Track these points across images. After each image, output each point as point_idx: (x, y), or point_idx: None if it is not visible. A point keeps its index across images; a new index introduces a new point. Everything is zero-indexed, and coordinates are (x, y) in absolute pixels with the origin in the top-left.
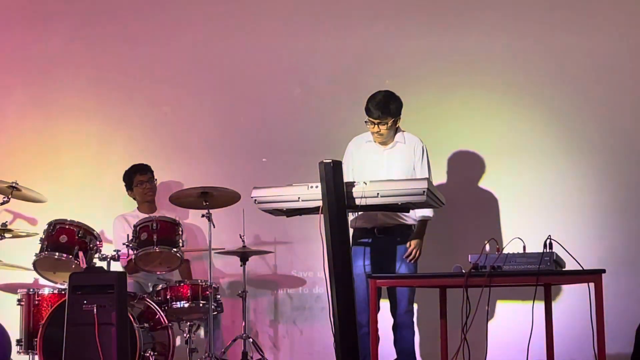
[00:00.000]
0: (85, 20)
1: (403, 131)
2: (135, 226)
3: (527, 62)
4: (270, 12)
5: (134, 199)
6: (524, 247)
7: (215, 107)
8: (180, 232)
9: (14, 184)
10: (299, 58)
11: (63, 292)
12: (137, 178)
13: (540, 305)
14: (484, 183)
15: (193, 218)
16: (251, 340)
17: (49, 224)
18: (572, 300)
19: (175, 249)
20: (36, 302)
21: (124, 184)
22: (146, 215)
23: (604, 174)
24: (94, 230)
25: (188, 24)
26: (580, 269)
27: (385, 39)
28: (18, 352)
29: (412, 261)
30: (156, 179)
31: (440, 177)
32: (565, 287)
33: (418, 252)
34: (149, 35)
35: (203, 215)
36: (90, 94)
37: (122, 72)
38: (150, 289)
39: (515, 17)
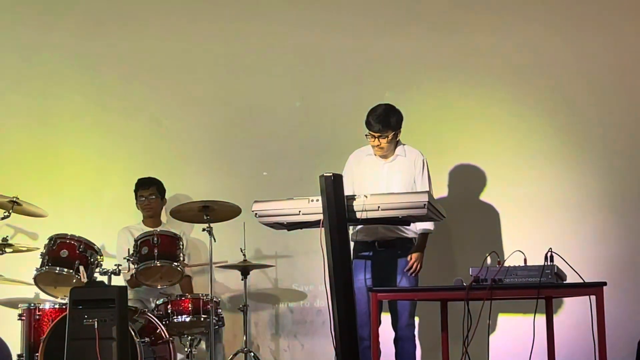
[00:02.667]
0: (86, 34)
1: (404, 144)
2: (136, 240)
3: (527, 75)
4: (271, 25)
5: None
6: (525, 260)
7: (215, 121)
8: (182, 247)
9: (14, 199)
10: (300, 71)
11: (64, 307)
12: (139, 192)
13: (541, 318)
14: (484, 196)
15: (197, 232)
16: (252, 354)
17: (50, 239)
18: (573, 313)
19: (176, 263)
20: (37, 317)
21: (125, 198)
22: (149, 229)
23: (606, 187)
24: (94, 245)
25: (189, 38)
26: (582, 281)
27: (386, 51)
28: None
29: (413, 274)
30: (154, 197)
31: (441, 191)
32: (566, 299)
33: (419, 266)
34: (151, 49)
35: (204, 229)
36: (91, 109)
37: (122, 86)
38: (153, 305)
39: (515, 31)
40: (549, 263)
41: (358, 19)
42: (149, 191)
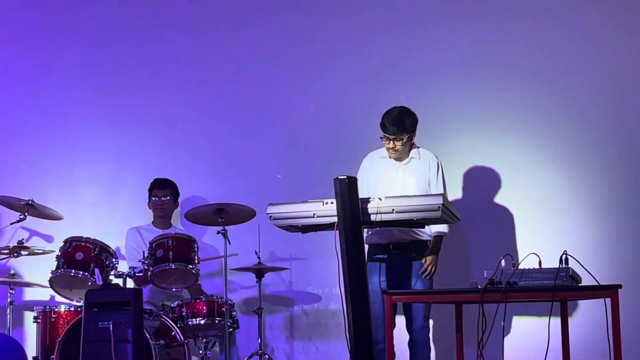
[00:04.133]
0: (100, 39)
1: (418, 147)
2: (151, 243)
3: (543, 77)
4: (285, 28)
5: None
6: (540, 263)
7: (229, 124)
8: (196, 249)
9: (30, 202)
10: (314, 74)
11: (79, 309)
12: (154, 192)
13: (556, 321)
14: (499, 198)
15: (209, 237)
16: (267, 356)
17: (65, 241)
18: (588, 315)
19: (190, 266)
20: (52, 319)
21: (139, 200)
22: (159, 230)
23: (621, 189)
24: (109, 247)
25: (202, 42)
26: (597, 284)
27: (400, 54)
28: None
29: (428, 277)
30: (167, 198)
31: (455, 193)
32: (581, 302)
33: (433, 268)
34: (164, 52)
35: (219, 232)
36: (105, 111)
37: (137, 89)
38: (162, 308)
39: (534, 33)
40: (563, 265)
41: (372, 21)
42: (163, 192)
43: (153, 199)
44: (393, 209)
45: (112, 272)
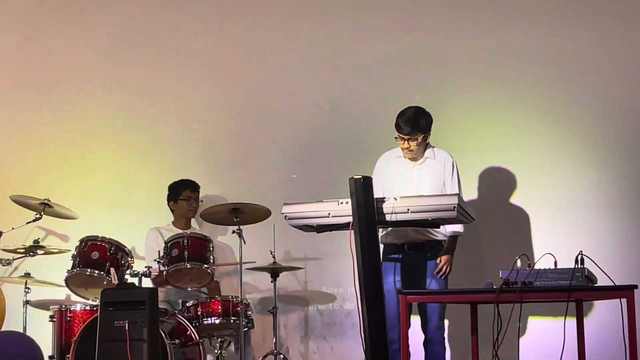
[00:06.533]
0: (114, 40)
1: (433, 147)
2: (166, 242)
3: (558, 77)
4: (299, 28)
5: (172, 211)
6: (555, 263)
7: (244, 124)
8: (211, 248)
9: (46, 201)
10: (328, 73)
11: (95, 309)
12: (186, 193)
13: (572, 321)
14: (514, 199)
15: (225, 236)
16: (282, 356)
17: (81, 241)
18: (604, 316)
19: (206, 265)
20: (68, 319)
21: (155, 200)
22: (180, 231)
23: (638, 189)
24: (125, 247)
25: (218, 42)
26: (612, 284)
27: (416, 53)
28: None
29: (443, 277)
30: (202, 201)
31: (470, 193)
32: (597, 302)
33: (449, 268)
34: (179, 52)
35: (234, 232)
36: (120, 112)
37: (152, 89)
38: (180, 306)
39: (551, 33)
40: (579, 266)
41: (387, 20)
42: (196, 194)
43: (184, 200)
44: (408, 209)
45: (128, 272)
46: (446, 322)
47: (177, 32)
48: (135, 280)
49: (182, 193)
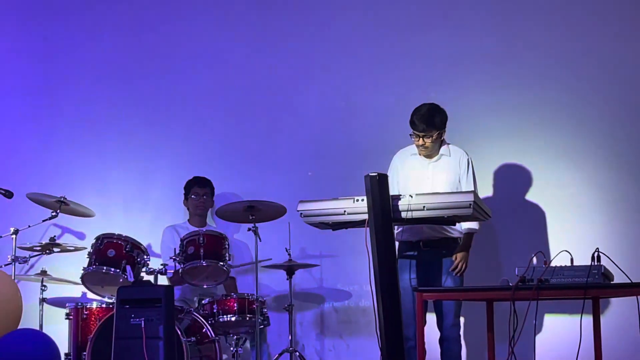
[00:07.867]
0: (130, 37)
1: (448, 144)
2: (182, 240)
3: (573, 74)
4: (314, 26)
5: (188, 209)
6: (572, 260)
7: (260, 122)
8: (227, 246)
9: (62, 199)
10: (345, 71)
11: (111, 306)
12: (194, 189)
13: (588, 319)
14: (530, 196)
15: (240, 233)
16: (297, 353)
17: (97, 238)
18: (621, 313)
19: (221, 263)
20: (84, 316)
21: (171, 198)
22: (196, 229)
23: None
24: (141, 244)
25: (233, 41)
26: (629, 281)
27: (431, 51)
28: None
29: (458, 274)
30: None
31: (486, 190)
32: (613, 300)
33: (464, 265)
34: (194, 51)
35: (249, 229)
36: (136, 110)
37: (168, 87)
38: (197, 304)
39: (565, 31)
40: (595, 263)
41: (403, 17)
42: (204, 190)
43: (193, 197)
44: (424, 206)
45: (144, 269)
46: (462, 319)
47: (193, 31)
48: (151, 278)
49: (191, 190)
